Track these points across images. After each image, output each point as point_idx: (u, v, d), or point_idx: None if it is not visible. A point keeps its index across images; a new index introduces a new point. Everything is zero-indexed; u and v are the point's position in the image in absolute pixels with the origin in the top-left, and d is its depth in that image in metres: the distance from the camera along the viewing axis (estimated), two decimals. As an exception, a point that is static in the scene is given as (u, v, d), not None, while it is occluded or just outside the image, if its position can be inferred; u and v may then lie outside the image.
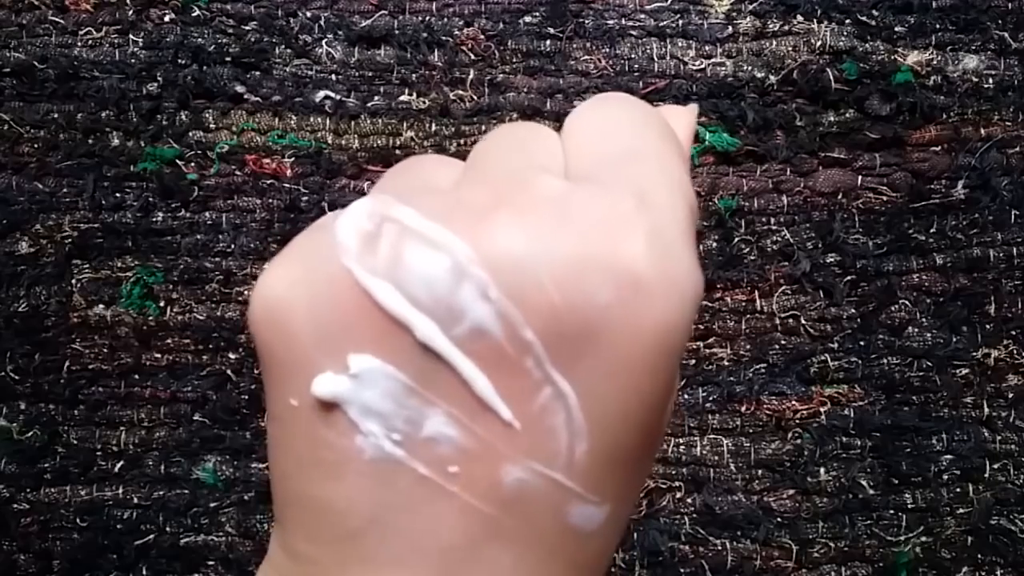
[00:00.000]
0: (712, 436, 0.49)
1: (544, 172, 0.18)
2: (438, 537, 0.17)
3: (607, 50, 0.50)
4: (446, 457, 0.17)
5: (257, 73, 0.50)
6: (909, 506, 0.49)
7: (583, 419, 0.17)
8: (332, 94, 0.50)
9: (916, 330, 0.49)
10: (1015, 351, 0.49)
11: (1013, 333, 0.49)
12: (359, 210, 0.18)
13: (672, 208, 0.18)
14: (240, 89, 0.50)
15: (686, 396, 0.49)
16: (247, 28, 0.50)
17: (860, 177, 0.49)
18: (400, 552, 0.17)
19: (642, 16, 0.50)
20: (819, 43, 0.49)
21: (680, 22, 0.50)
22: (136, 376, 0.50)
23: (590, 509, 0.18)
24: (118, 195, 0.50)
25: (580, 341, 0.16)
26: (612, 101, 0.21)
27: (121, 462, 0.49)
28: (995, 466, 0.49)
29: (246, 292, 0.50)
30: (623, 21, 0.50)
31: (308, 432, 0.18)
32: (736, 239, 0.49)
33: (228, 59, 0.50)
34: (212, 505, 0.49)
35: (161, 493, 0.49)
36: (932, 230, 0.49)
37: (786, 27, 0.50)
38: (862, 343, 0.49)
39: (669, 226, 0.17)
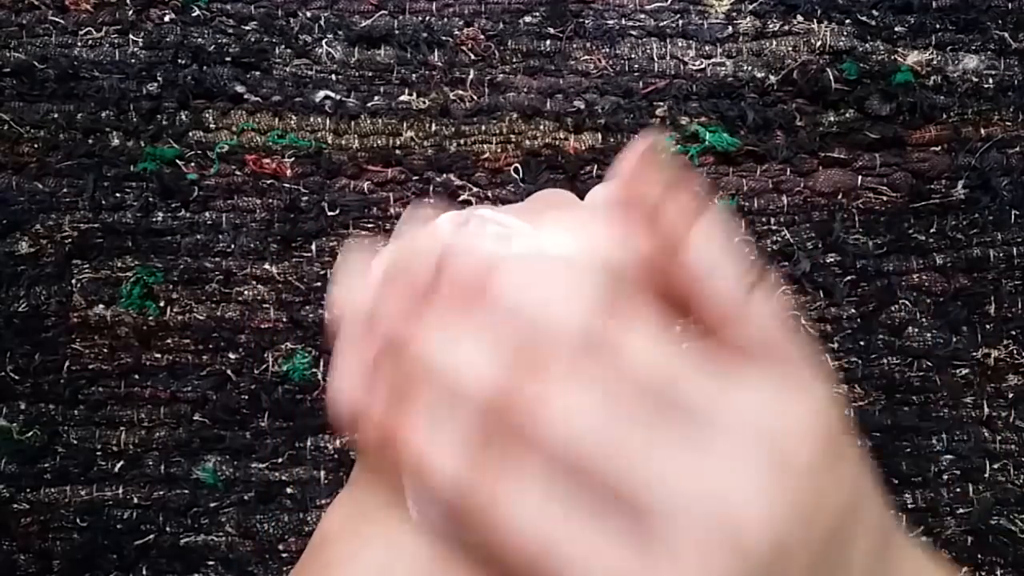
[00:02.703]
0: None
1: (575, 201, 0.26)
2: None
3: (607, 50, 0.50)
4: None
5: (257, 73, 0.50)
6: (909, 506, 0.49)
7: None
8: (332, 94, 0.50)
9: (916, 330, 0.49)
10: (1015, 351, 0.49)
11: (1013, 333, 0.49)
12: (454, 211, 0.24)
13: None
14: (240, 89, 0.50)
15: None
16: (247, 28, 0.50)
17: (860, 177, 0.49)
18: None
19: (642, 16, 0.50)
20: (819, 43, 0.49)
21: (680, 22, 0.50)
22: (136, 376, 0.50)
23: None
24: (118, 195, 0.50)
25: None
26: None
27: (121, 462, 0.49)
28: (995, 466, 0.49)
29: (246, 292, 0.50)
30: (623, 21, 0.50)
31: None
32: (736, 239, 0.49)
33: (228, 59, 0.50)
34: (212, 505, 0.49)
35: (161, 493, 0.49)
36: (932, 230, 0.49)
37: (786, 27, 0.50)
38: (862, 343, 0.49)
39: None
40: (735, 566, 0.16)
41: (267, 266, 0.50)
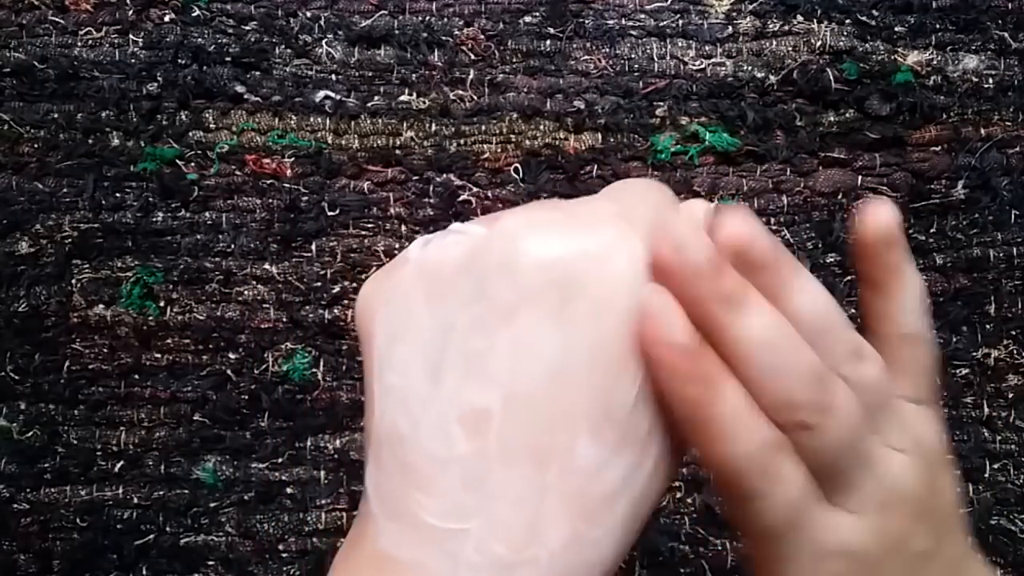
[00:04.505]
0: (712, 436, 0.49)
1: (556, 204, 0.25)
2: None
3: (607, 50, 0.50)
4: None
5: (257, 73, 0.50)
6: (909, 506, 0.49)
7: None
8: (332, 94, 0.50)
9: (916, 330, 0.49)
10: (1015, 351, 0.49)
11: (1013, 333, 0.49)
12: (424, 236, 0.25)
13: (646, 216, 0.23)
14: (240, 89, 0.50)
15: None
16: (247, 28, 0.50)
17: (860, 177, 0.50)
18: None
19: (642, 16, 0.50)
20: (819, 43, 0.49)
21: (680, 22, 0.50)
22: (136, 376, 0.50)
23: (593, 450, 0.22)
24: (118, 195, 0.50)
25: (563, 290, 0.22)
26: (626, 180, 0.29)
27: (121, 462, 0.50)
28: (995, 466, 0.49)
29: (246, 292, 0.50)
30: (623, 21, 0.50)
31: None
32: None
33: (228, 59, 0.50)
34: (212, 505, 0.49)
35: (161, 493, 0.49)
36: (932, 230, 0.49)
37: (786, 27, 0.50)
38: (862, 343, 0.49)
39: (640, 223, 0.23)
40: (904, 510, 0.24)
41: (267, 266, 0.50)
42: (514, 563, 0.21)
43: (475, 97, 0.50)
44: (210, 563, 0.49)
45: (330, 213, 0.50)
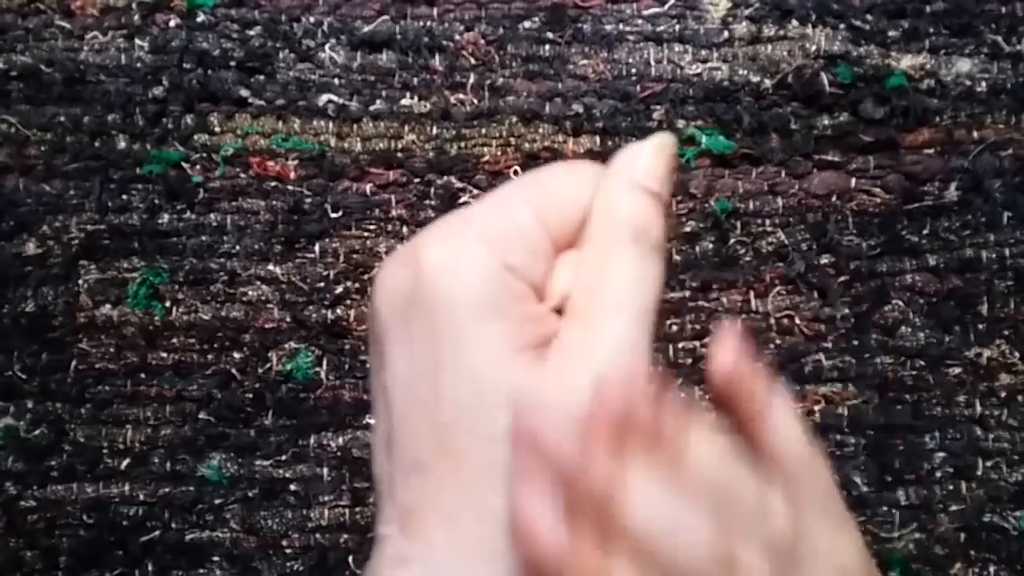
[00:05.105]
0: (709, 434, 0.50)
1: None
2: None
3: (605, 54, 0.50)
4: None
5: (261, 77, 0.51)
6: (902, 503, 0.49)
7: None
8: (335, 98, 0.50)
9: (909, 330, 0.50)
10: (1007, 350, 0.50)
11: (1005, 333, 0.49)
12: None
13: (486, 223, 0.24)
14: (244, 93, 0.50)
15: (682, 395, 0.50)
16: (251, 33, 0.51)
17: (854, 179, 0.50)
18: None
19: (639, 21, 0.51)
20: (813, 47, 0.50)
21: (677, 27, 0.50)
22: (142, 375, 0.50)
23: None
24: (124, 197, 0.51)
25: (402, 316, 0.23)
26: None
27: (127, 460, 0.50)
28: (987, 464, 0.49)
29: (250, 292, 0.50)
30: (621, 26, 0.50)
31: None
32: (732, 240, 0.50)
33: (233, 63, 0.51)
34: (217, 502, 0.50)
35: (166, 490, 0.50)
36: (925, 231, 0.50)
37: (781, 32, 0.50)
38: (856, 343, 0.50)
39: (472, 234, 0.23)
40: None
41: (271, 267, 0.50)
42: (410, 559, 0.23)
43: (475, 101, 0.50)
44: (215, 559, 0.50)
45: (333, 215, 0.50)
